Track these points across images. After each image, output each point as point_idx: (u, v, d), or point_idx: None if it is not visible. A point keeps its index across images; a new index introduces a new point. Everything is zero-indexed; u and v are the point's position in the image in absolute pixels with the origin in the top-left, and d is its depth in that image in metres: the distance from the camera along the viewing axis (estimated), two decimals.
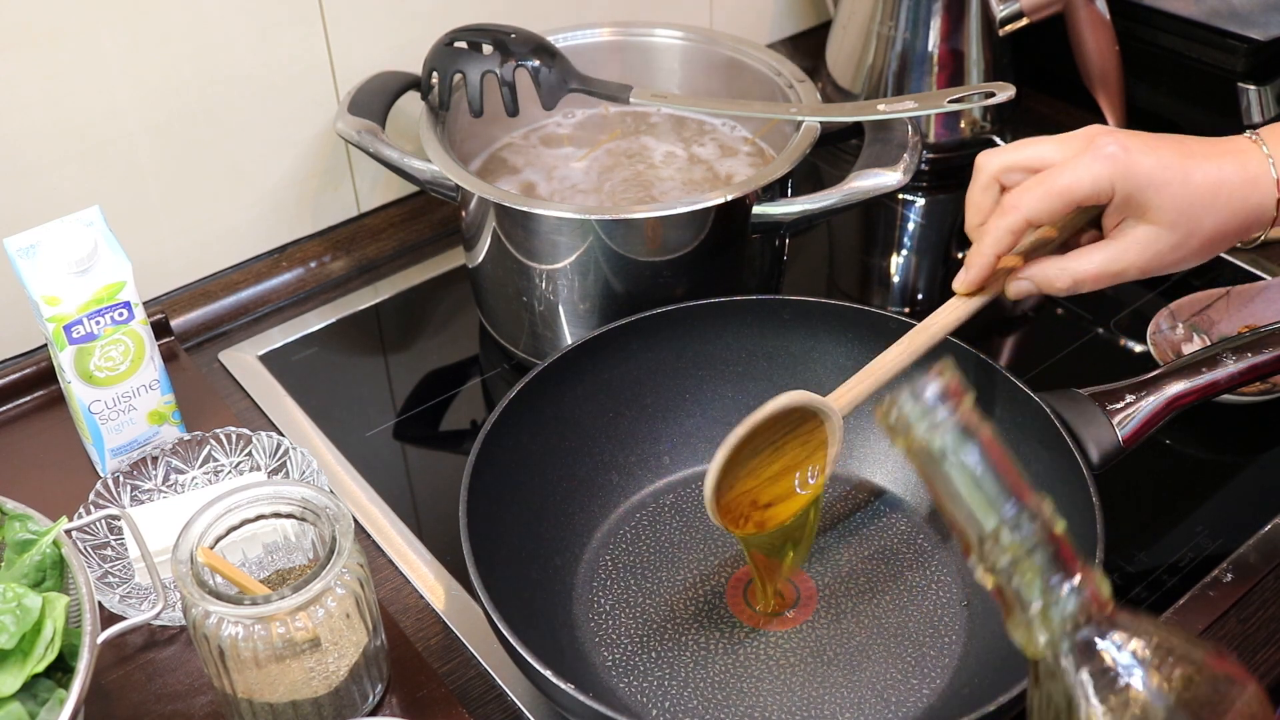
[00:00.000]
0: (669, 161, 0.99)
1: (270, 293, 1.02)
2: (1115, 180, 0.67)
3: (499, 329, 0.96)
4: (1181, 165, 0.67)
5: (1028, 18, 1.10)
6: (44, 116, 0.87)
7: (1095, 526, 0.67)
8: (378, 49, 1.01)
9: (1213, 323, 0.92)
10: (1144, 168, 0.66)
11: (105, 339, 0.79)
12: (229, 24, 0.93)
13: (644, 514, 0.82)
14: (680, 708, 0.71)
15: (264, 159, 1.00)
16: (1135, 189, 0.67)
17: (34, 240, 0.78)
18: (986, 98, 0.89)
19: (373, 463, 0.88)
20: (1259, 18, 1.06)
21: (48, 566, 0.66)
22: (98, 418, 0.81)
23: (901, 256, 1.11)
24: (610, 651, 0.74)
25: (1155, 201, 0.67)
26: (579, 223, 0.84)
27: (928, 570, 0.77)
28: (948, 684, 0.71)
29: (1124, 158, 0.66)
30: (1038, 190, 0.68)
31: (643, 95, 0.94)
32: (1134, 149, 0.67)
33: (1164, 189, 0.66)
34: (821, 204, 0.86)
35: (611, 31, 1.03)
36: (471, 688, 0.74)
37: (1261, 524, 0.81)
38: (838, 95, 1.17)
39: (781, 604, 0.76)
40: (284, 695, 0.65)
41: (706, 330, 0.84)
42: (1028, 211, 0.68)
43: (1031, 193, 0.68)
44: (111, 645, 0.74)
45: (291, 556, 0.72)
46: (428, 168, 0.89)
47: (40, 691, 0.62)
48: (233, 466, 0.83)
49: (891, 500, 0.82)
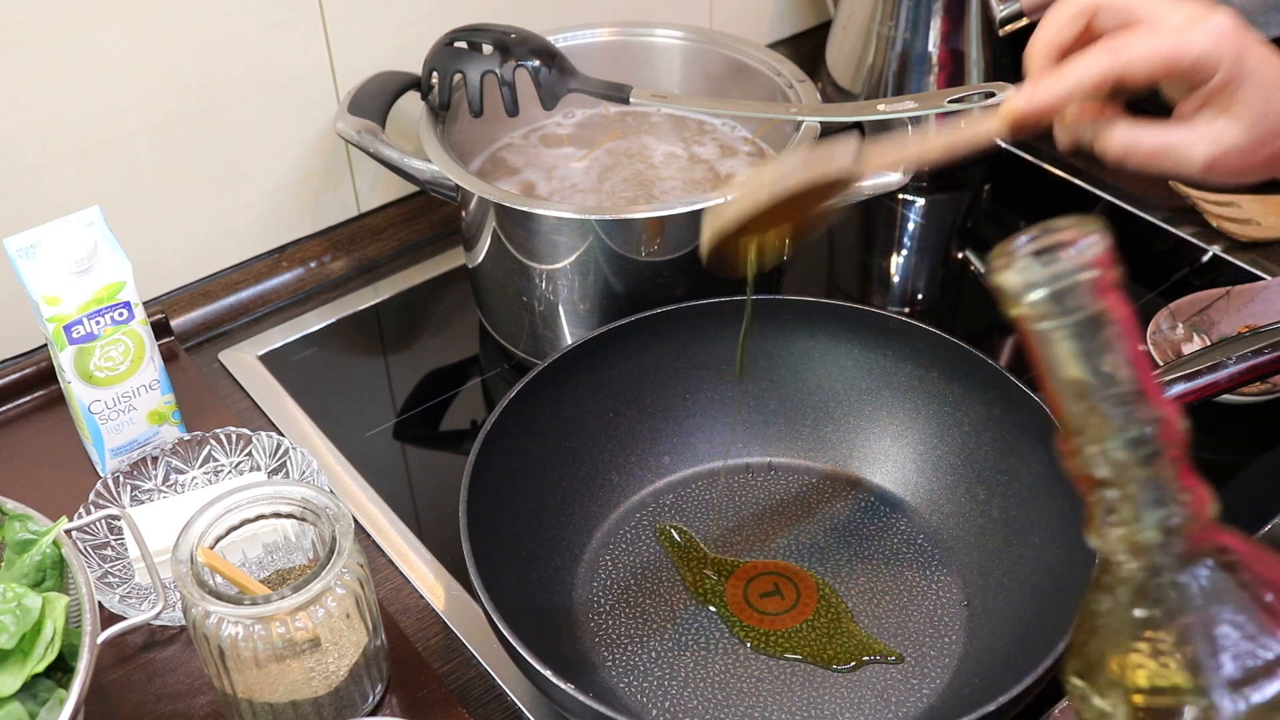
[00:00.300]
0: (669, 161, 0.99)
1: (270, 293, 1.02)
2: (1224, 62, 0.62)
3: (499, 329, 0.96)
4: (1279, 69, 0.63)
5: (1028, 18, 1.09)
6: (44, 116, 0.87)
7: None
8: (378, 49, 1.01)
9: (1213, 323, 0.92)
10: (1253, 60, 0.62)
11: (105, 339, 0.79)
12: (229, 24, 0.93)
13: (644, 514, 0.82)
14: (680, 708, 0.71)
15: (264, 159, 1.00)
16: (1238, 77, 0.62)
17: (34, 240, 0.78)
18: (986, 98, 0.89)
19: (373, 463, 0.88)
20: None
21: (48, 566, 0.66)
22: (98, 418, 0.81)
23: (901, 256, 1.11)
24: (610, 651, 0.74)
25: (1247, 98, 0.63)
26: (579, 223, 0.84)
27: (928, 570, 0.77)
28: (948, 684, 0.71)
29: (1236, 41, 0.62)
30: (1145, 44, 0.62)
31: (643, 95, 0.94)
32: (1247, 36, 0.62)
33: (1261, 88, 0.62)
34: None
35: (611, 31, 1.03)
36: (471, 688, 0.74)
37: (1262, 524, 0.81)
38: (838, 95, 1.17)
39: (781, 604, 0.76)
40: (284, 695, 0.65)
41: (706, 330, 0.84)
42: (1129, 63, 0.62)
43: (1138, 44, 0.62)
44: (111, 645, 0.74)
45: (291, 556, 0.72)
46: (428, 168, 0.89)
47: (40, 691, 0.62)
48: (233, 466, 0.83)
49: (892, 500, 0.82)
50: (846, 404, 0.84)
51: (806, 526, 0.81)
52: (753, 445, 0.85)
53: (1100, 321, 0.44)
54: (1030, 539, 0.74)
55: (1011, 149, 1.16)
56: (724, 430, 0.85)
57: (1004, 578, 0.74)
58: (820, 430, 0.85)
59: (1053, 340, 0.45)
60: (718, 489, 0.83)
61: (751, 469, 0.85)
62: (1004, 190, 1.16)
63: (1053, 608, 0.68)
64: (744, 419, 0.85)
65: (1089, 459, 0.46)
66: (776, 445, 0.85)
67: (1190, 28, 0.63)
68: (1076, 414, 0.46)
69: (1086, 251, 0.44)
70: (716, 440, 0.85)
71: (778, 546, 0.80)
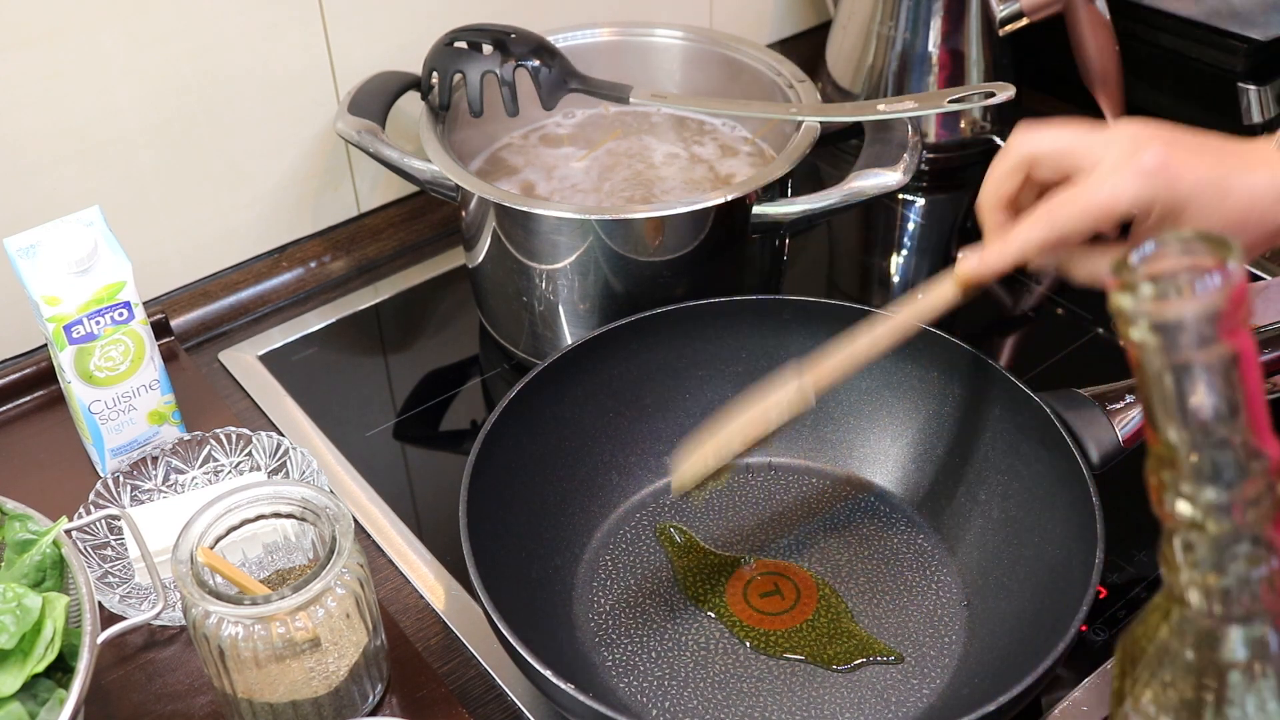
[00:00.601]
0: (669, 161, 0.99)
1: (270, 293, 1.02)
2: (1156, 199, 0.64)
3: (499, 329, 0.96)
4: (1220, 182, 0.65)
5: (1028, 18, 1.10)
6: (44, 116, 0.87)
7: (1095, 526, 0.67)
8: (378, 49, 1.01)
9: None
10: (1185, 185, 0.64)
11: (105, 339, 0.79)
12: (229, 23, 0.93)
13: (644, 514, 0.82)
14: (680, 708, 0.71)
15: (264, 159, 1.00)
16: (1174, 208, 0.65)
17: (34, 240, 0.78)
18: (986, 98, 0.89)
19: (373, 463, 0.88)
20: (1259, 18, 1.06)
21: (48, 566, 0.66)
22: (98, 418, 0.81)
23: (901, 256, 1.11)
24: (610, 651, 0.74)
25: (1190, 220, 0.65)
26: (579, 223, 0.84)
27: (928, 570, 0.77)
28: (948, 684, 0.71)
29: (1166, 175, 0.64)
30: (1073, 208, 0.65)
31: (643, 95, 0.94)
32: (1176, 164, 0.64)
33: (1201, 209, 0.65)
34: (821, 204, 0.86)
35: (611, 31, 1.03)
36: (471, 688, 0.74)
37: None
38: (838, 95, 1.17)
39: (781, 604, 0.76)
40: (284, 695, 0.65)
41: (706, 330, 0.84)
42: (1063, 228, 0.66)
43: (1067, 209, 0.66)
44: (111, 645, 0.74)
45: (291, 556, 0.72)
46: (428, 168, 0.89)
47: (40, 691, 0.62)
48: (233, 466, 0.83)
49: (892, 500, 0.82)
50: (846, 404, 0.84)
51: (806, 526, 0.81)
52: None
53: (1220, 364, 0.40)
54: (1030, 539, 0.74)
55: None
56: None
57: (1004, 578, 0.74)
58: (820, 430, 0.85)
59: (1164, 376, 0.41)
60: (718, 489, 0.83)
61: (751, 469, 0.85)
62: None
63: (1053, 608, 0.68)
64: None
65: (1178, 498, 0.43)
66: (776, 445, 0.85)
67: (1118, 172, 0.64)
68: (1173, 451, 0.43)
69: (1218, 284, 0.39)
70: None
71: (778, 546, 0.80)
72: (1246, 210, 0.65)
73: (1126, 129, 0.67)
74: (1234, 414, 0.41)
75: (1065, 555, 0.70)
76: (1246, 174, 0.66)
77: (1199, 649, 0.46)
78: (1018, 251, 0.68)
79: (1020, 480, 0.76)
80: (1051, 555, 0.71)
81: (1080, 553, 0.68)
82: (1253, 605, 0.44)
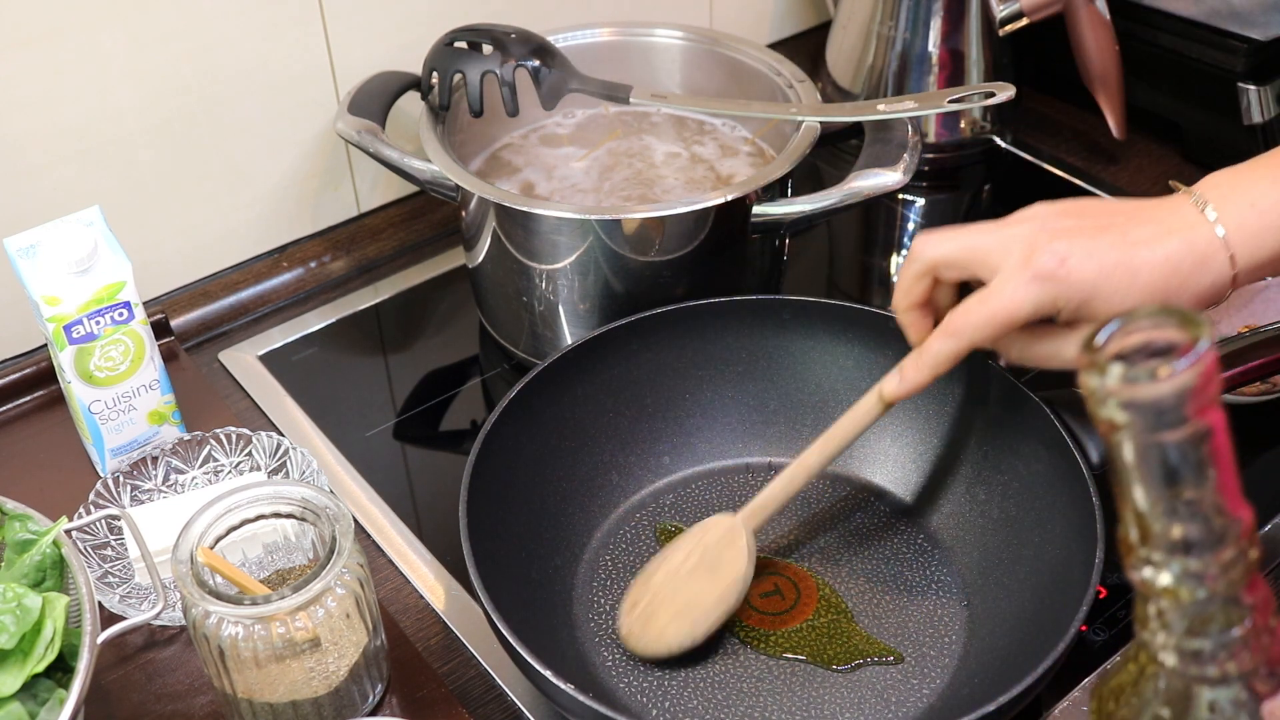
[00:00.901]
0: (669, 161, 0.99)
1: (270, 293, 1.02)
2: (1058, 299, 0.64)
3: (499, 329, 0.96)
4: (1127, 262, 0.63)
5: (1028, 18, 1.10)
6: (44, 116, 0.87)
7: (1095, 526, 0.67)
8: (378, 49, 1.01)
9: (1212, 322, 0.92)
10: (1086, 278, 0.63)
11: (105, 339, 0.79)
12: (229, 24, 0.93)
13: (644, 514, 0.82)
14: (680, 708, 0.71)
15: (264, 159, 1.00)
16: (1081, 302, 0.64)
17: (34, 240, 0.78)
18: (986, 98, 0.89)
19: (373, 463, 0.88)
20: (1259, 18, 1.06)
21: (48, 566, 0.66)
22: (98, 418, 0.81)
23: (901, 256, 1.11)
24: (610, 651, 0.74)
25: (1103, 308, 0.64)
26: (579, 223, 0.84)
27: (928, 570, 0.77)
28: (948, 684, 0.71)
29: (1062, 273, 0.63)
30: (977, 317, 0.66)
31: (643, 95, 0.94)
32: (1073, 258, 0.63)
33: (1111, 295, 0.63)
34: (821, 204, 0.86)
35: (611, 31, 1.03)
36: (471, 688, 0.74)
37: (1262, 524, 0.81)
38: (838, 95, 1.17)
39: (781, 604, 0.76)
40: (284, 695, 0.65)
41: (706, 330, 0.84)
42: (971, 338, 0.67)
43: (971, 318, 0.66)
44: (111, 645, 0.74)
45: (291, 556, 0.72)
46: (428, 168, 0.89)
47: (40, 691, 0.62)
48: (233, 466, 0.83)
49: (892, 500, 0.82)
50: (846, 404, 0.84)
51: (806, 526, 0.81)
52: (753, 445, 0.85)
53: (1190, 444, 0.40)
54: (1030, 539, 0.74)
55: (1011, 149, 1.16)
56: (723, 430, 0.85)
57: (1004, 578, 0.74)
58: (820, 430, 0.85)
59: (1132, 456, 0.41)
60: (718, 489, 0.83)
61: (751, 469, 0.85)
62: (1004, 190, 1.15)
63: (1053, 608, 0.67)
64: (744, 419, 0.85)
65: (1149, 566, 0.43)
66: (776, 445, 0.85)
67: (1012, 281, 0.64)
68: (1144, 521, 0.42)
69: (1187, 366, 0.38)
70: (716, 440, 0.85)
71: (778, 546, 0.80)
72: (1164, 282, 0.64)
73: (1022, 227, 0.66)
74: (1204, 484, 0.41)
75: (1065, 555, 0.70)
76: (1156, 246, 0.64)
77: (1173, 706, 0.46)
78: (934, 369, 0.69)
79: (1020, 480, 0.76)
80: (1051, 555, 0.71)
81: (1080, 553, 0.68)
82: (1227, 666, 0.43)
